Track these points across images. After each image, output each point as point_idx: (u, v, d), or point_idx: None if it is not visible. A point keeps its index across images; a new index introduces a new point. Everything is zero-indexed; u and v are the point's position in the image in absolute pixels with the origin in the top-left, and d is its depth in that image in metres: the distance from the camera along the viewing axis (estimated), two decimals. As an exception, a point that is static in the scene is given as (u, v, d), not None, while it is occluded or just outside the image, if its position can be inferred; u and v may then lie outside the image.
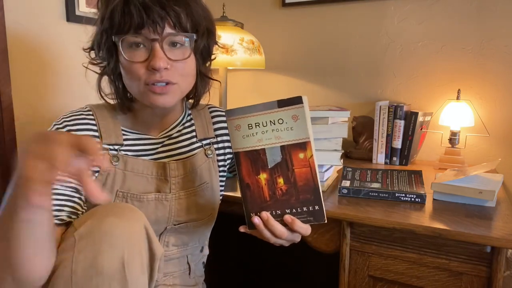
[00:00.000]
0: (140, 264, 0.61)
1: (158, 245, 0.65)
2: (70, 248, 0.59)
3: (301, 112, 0.65)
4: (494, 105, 1.36)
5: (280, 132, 0.67)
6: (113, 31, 0.70)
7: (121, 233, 0.59)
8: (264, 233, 0.68)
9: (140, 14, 0.67)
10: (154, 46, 0.69)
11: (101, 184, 0.75)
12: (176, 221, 0.82)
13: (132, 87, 0.74)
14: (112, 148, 0.78)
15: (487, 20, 1.34)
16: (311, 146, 0.66)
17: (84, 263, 0.57)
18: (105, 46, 0.73)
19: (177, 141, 0.85)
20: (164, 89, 0.72)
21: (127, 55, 0.71)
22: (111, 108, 0.81)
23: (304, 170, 0.66)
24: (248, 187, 0.69)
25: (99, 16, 0.73)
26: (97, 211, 0.63)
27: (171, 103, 0.74)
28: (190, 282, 0.90)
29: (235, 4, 1.73)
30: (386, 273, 0.91)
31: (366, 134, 1.46)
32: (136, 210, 0.65)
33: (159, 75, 0.70)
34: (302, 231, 0.68)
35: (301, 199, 0.67)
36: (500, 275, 0.80)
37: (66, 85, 1.26)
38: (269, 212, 0.68)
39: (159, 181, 0.80)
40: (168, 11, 0.69)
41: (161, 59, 0.69)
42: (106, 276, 0.57)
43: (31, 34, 1.15)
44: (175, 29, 0.71)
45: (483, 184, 0.94)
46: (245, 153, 0.68)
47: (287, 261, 1.66)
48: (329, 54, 1.59)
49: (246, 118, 0.67)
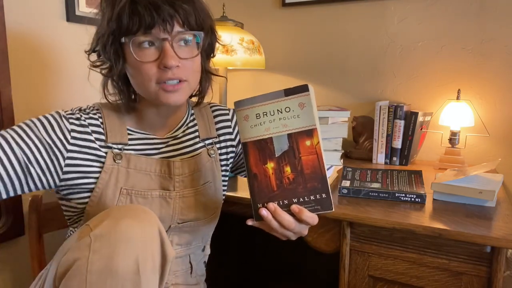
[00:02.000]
0: (152, 266, 0.61)
1: (170, 248, 0.65)
2: (85, 248, 0.59)
3: (307, 99, 0.67)
4: (494, 105, 1.36)
5: (287, 120, 0.68)
6: (121, 32, 0.70)
7: (136, 235, 0.60)
8: (272, 224, 0.68)
9: (150, 13, 0.68)
10: (165, 45, 0.70)
11: (105, 181, 0.75)
12: (180, 219, 0.82)
13: (143, 87, 0.74)
14: (116, 147, 0.78)
15: (487, 20, 1.34)
16: (318, 133, 0.67)
17: (99, 264, 0.57)
18: (111, 48, 0.72)
19: (181, 141, 0.85)
20: (176, 87, 0.73)
21: (138, 55, 0.71)
22: (118, 107, 0.82)
23: (311, 157, 0.67)
24: (256, 177, 0.69)
25: (105, 17, 0.72)
26: (112, 212, 0.63)
27: (182, 100, 0.75)
28: (192, 281, 0.90)
29: (235, 4, 1.73)
30: (386, 273, 0.91)
31: (366, 134, 1.46)
32: (150, 212, 0.65)
33: (171, 73, 0.71)
34: (309, 221, 0.67)
35: (308, 187, 0.67)
36: (500, 275, 0.80)
37: (66, 85, 1.26)
38: (276, 202, 0.68)
39: (162, 179, 0.80)
40: (177, 9, 0.70)
41: (172, 58, 0.70)
42: (120, 277, 0.57)
43: (31, 34, 1.15)
44: (184, 27, 0.72)
45: (483, 184, 0.94)
46: (253, 142, 0.69)
47: (287, 261, 1.66)
48: (329, 54, 1.59)
49: (254, 108, 0.69)
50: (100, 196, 0.76)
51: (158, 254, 0.63)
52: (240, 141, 0.71)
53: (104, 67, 0.77)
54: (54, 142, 0.72)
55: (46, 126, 0.72)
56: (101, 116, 0.79)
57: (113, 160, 0.76)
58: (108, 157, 0.76)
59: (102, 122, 0.78)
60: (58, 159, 0.72)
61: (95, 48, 0.76)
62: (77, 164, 0.74)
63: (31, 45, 1.15)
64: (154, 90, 0.73)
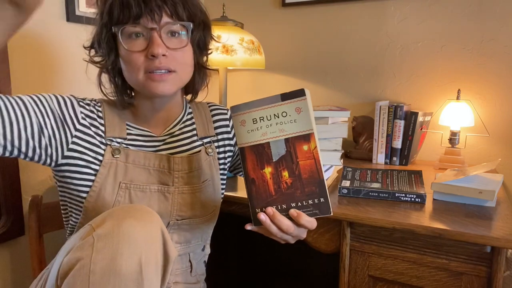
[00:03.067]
0: (155, 267, 0.62)
1: (173, 248, 0.65)
2: (88, 248, 0.59)
3: (304, 104, 0.67)
4: (494, 105, 1.36)
5: (284, 125, 0.68)
6: (112, 23, 0.73)
7: (140, 235, 0.60)
8: (271, 229, 0.68)
9: (138, 4, 0.71)
10: (153, 35, 0.72)
11: (104, 176, 0.76)
12: (179, 216, 0.82)
13: (132, 77, 0.76)
14: (115, 141, 0.79)
15: (487, 20, 1.34)
16: (315, 138, 0.67)
17: (102, 264, 0.57)
18: (105, 40, 0.75)
19: (178, 139, 0.86)
20: (164, 77, 0.74)
21: (127, 45, 0.73)
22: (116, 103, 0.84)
23: (308, 162, 0.67)
24: (254, 182, 0.69)
25: (98, 12, 0.76)
26: (115, 212, 0.63)
27: (170, 90, 0.76)
28: (192, 280, 0.90)
29: (235, 4, 1.73)
30: (386, 273, 0.91)
31: (366, 134, 1.46)
32: (153, 212, 0.65)
33: (158, 61, 0.73)
34: (308, 225, 0.67)
35: (306, 192, 0.67)
36: (500, 275, 0.80)
37: (66, 85, 1.26)
38: (275, 207, 0.68)
39: (161, 173, 0.81)
40: (165, 1, 0.72)
41: (159, 46, 0.72)
42: (123, 277, 0.57)
43: (31, 34, 1.15)
44: (172, 18, 0.74)
45: (483, 184, 0.94)
46: (250, 147, 0.69)
47: (287, 261, 1.66)
48: (329, 54, 1.59)
49: (251, 113, 0.69)
50: (99, 191, 0.76)
51: (161, 255, 0.64)
52: (237, 146, 0.71)
53: (99, 61, 0.80)
54: (65, 117, 0.75)
55: (60, 102, 0.75)
56: (101, 110, 0.80)
57: (112, 155, 0.77)
58: (106, 152, 0.77)
59: (102, 116, 0.80)
60: (66, 134, 0.75)
61: (92, 44, 0.79)
62: (81, 146, 0.77)
63: (31, 45, 1.15)
64: (142, 79, 0.75)
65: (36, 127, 0.70)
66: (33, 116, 0.70)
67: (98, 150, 0.77)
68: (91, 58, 0.80)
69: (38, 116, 0.71)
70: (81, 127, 0.76)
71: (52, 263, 0.71)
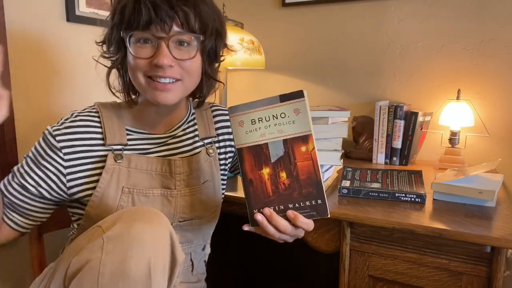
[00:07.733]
0: (163, 270, 0.62)
1: (180, 251, 0.66)
2: (97, 249, 0.59)
3: (302, 105, 0.67)
4: (494, 105, 1.36)
5: (282, 126, 0.68)
6: (122, 27, 0.72)
7: (149, 238, 0.60)
8: (268, 229, 0.68)
9: (149, 11, 0.69)
10: (160, 44, 0.71)
11: (107, 181, 0.76)
12: (182, 218, 0.82)
13: (135, 79, 0.76)
14: (116, 148, 0.79)
15: (487, 20, 1.34)
16: (313, 139, 0.67)
17: (111, 266, 0.57)
18: (114, 40, 0.75)
19: (181, 140, 0.86)
20: (167, 86, 0.73)
21: (134, 51, 0.73)
22: (117, 107, 0.83)
23: (306, 163, 0.67)
24: (251, 183, 0.69)
25: (111, 11, 0.76)
26: (124, 215, 0.63)
27: (173, 100, 0.75)
28: (193, 279, 0.91)
29: (235, 4, 1.73)
30: (386, 273, 0.91)
31: (366, 134, 1.46)
32: (162, 215, 0.65)
33: (162, 72, 0.72)
34: (305, 227, 0.68)
35: (303, 193, 0.67)
36: (500, 275, 0.80)
37: (67, 85, 1.26)
38: (272, 208, 0.68)
39: (164, 177, 0.81)
40: (176, 11, 0.70)
41: (165, 57, 0.71)
42: (132, 280, 0.58)
43: (31, 34, 1.15)
44: (183, 28, 0.72)
45: (483, 184, 0.94)
46: (248, 148, 0.69)
47: (287, 260, 1.66)
48: (329, 54, 1.59)
49: (249, 113, 0.69)
50: (101, 196, 0.76)
51: (169, 258, 0.64)
52: (235, 147, 0.71)
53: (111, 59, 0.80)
54: (51, 164, 0.76)
55: (41, 152, 0.77)
56: (99, 119, 0.79)
57: (114, 160, 0.77)
58: (109, 157, 0.77)
59: (100, 126, 0.79)
60: (60, 178, 0.77)
61: (104, 41, 0.80)
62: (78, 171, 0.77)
63: (31, 45, 1.15)
64: (144, 82, 0.74)
65: (39, 204, 0.79)
66: (30, 187, 0.77)
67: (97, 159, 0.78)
68: (102, 54, 0.80)
69: (32, 183, 0.77)
70: (68, 162, 0.76)
71: (57, 262, 0.71)
